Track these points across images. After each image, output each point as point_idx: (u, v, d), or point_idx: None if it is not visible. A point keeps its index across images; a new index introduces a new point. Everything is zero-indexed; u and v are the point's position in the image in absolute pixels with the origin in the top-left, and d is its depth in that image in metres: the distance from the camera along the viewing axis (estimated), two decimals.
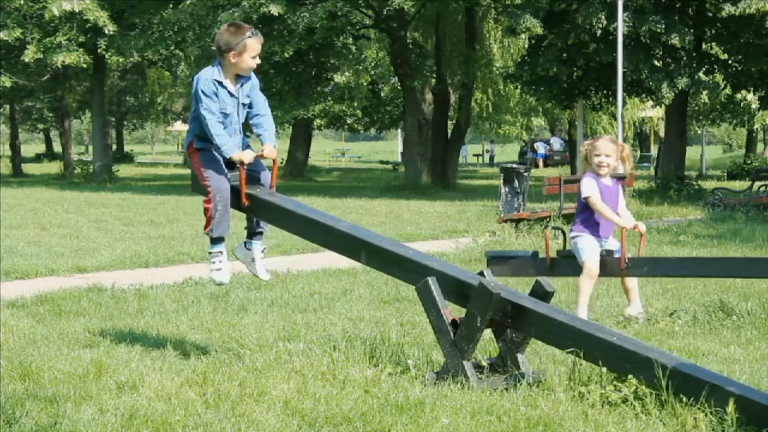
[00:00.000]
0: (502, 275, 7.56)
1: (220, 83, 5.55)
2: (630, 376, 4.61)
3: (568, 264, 7.09)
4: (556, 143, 53.43)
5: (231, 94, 5.59)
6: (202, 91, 5.50)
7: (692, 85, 22.71)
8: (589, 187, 6.91)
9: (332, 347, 5.48)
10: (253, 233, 5.94)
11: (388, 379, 4.98)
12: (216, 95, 5.52)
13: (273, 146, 5.68)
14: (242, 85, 5.64)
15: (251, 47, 5.53)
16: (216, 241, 5.71)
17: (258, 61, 5.61)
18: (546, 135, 58.73)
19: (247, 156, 5.56)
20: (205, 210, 5.66)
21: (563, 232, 7.45)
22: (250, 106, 5.72)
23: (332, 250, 5.75)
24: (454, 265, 5.63)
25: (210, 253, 5.77)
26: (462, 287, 5.10)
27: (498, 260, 7.54)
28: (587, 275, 6.83)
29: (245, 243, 5.95)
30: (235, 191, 5.68)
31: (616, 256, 6.93)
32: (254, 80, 5.73)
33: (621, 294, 7.61)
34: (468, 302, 5.02)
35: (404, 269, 5.34)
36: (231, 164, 5.69)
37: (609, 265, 6.92)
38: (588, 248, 6.88)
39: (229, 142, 5.54)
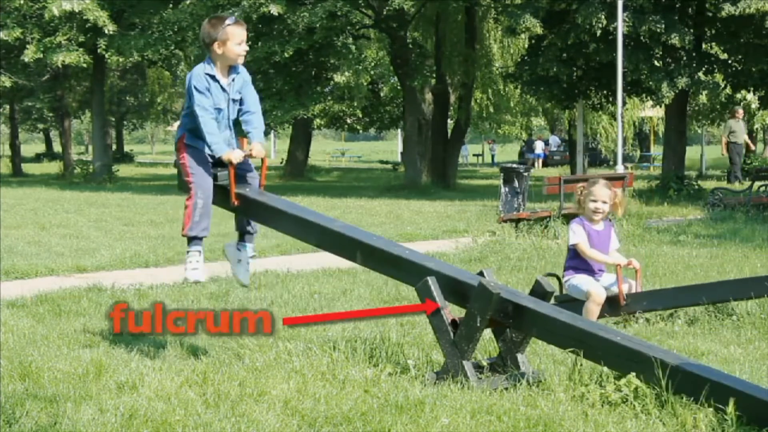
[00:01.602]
0: None
1: (213, 77, 5.53)
2: (630, 376, 4.61)
3: (567, 308, 6.90)
4: (554, 143, 53.46)
5: (223, 89, 5.58)
6: (195, 87, 5.49)
7: (692, 85, 22.69)
8: (576, 234, 6.78)
9: (332, 347, 5.49)
10: (243, 233, 5.91)
11: (387, 379, 4.98)
12: (209, 90, 5.51)
13: (261, 145, 5.65)
14: (234, 79, 5.62)
15: (234, 34, 5.51)
16: (193, 241, 5.63)
17: (245, 47, 5.58)
18: (545, 135, 58.71)
19: (236, 156, 5.54)
20: (185, 207, 5.60)
21: (558, 278, 7.28)
22: (240, 102, 5.69)
23: (326, 250, 5.72)
24: (451, 265, 5.61)
25: (187, 252, 5.66)
26: (460, 287, 5.09)
27: None
28: (593, 301, 6.62)
29: (237, 244, 5.93)
30: (225, 191, 5.64)
31: (613, 291, 6.80)
32: (246, 76, 5.71)
33: None
34: (466, 302, 5.02)
35: (401, 270, 5.30)
36: (220, 164, 5.65)
37: (608, 304, 6.75)
38: (585, 281, 6.73)
39: (220, 141, 5.52)
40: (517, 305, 4.98)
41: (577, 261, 6.82)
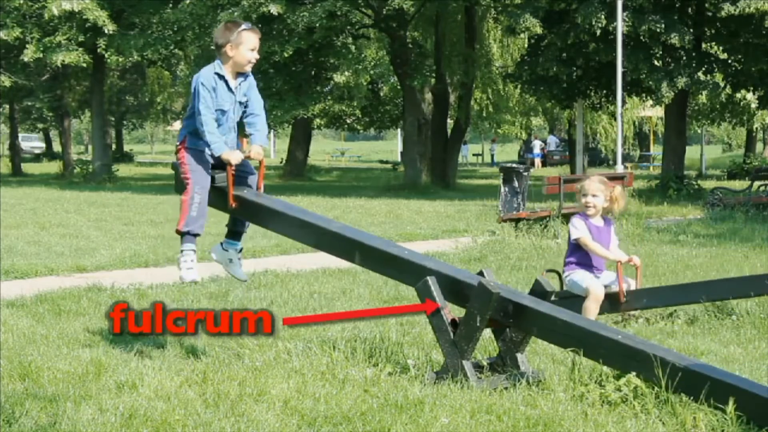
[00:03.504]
0: None
1: (221, 77, 5.53)
2: (630, 375, 4.61)
3: (567, 304, 6.86)
4: (552, 142, 53.47)
5: (230, 90, 5.56)
6: (203, 84, 5.49)
7: (692, 85, 22.72)
8: (578, 229, 6.79)
9: (332, 347, 5.49)
10: (234, 233, 5.88)
11: (387, 379, 4.98)
12: (215, 90, 5.51)
13: (261, 147, 5.66)
14: (241, 83, 5.63)
15: (247, 39, 5.53)
16: (187, 238, 5.59)
17: (256, 55, 5.58)
18: (543, 134, 58.74)
19: (235, 157, 5.53)
20: (182, 203, 5.58)
21: (558, 274, 7.25)
22: (246, 105, 5.69)
23: (325, 251, 5.71)
24: (450, 265, 5.59)
25: (181, 251, 5.63)
26: (460, 287, 5.09)
27: None
28: (593, 299, 6.59)
29: (222, 243, 5.91)
30: (222, 193, 5.64)
31: (613, 289, 6.79)
32: (252, 81, 5.72)
33: None
34: (465, 302, 5.01)
35: (400, 269, 5.29)
36: (219, 166, 5.64)
37: (608, 301, 6.71)
38: (586, 277, 6.72)
39: (219, 140, 5.51)
40: (517, 304, 4.97)
41: (577, 255, 6.82)
